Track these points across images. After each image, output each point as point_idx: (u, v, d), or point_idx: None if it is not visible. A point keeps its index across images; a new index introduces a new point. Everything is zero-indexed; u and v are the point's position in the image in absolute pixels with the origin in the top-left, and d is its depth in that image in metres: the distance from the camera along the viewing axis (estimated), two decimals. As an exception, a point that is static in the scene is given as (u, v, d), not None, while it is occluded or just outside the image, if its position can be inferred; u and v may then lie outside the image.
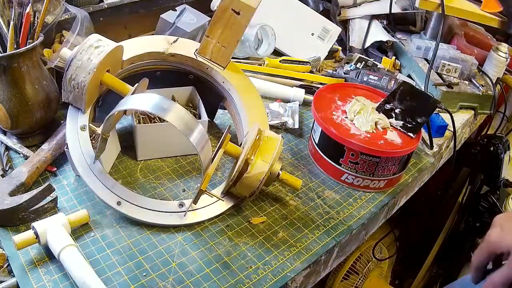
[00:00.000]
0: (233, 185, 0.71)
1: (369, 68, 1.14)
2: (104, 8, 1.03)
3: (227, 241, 0.70)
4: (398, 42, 1.27)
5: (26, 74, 0.76)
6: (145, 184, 0.79)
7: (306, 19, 1.22)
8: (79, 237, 0.68)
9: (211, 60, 0.84)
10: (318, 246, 0.72)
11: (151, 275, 0.63)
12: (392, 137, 0.83)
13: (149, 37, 0.85)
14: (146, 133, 0.81)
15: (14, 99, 0.76)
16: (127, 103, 0.66)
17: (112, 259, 0.65)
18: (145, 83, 0.76)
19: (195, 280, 0.64)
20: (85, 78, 0.70)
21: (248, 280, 0.65)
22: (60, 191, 0.75)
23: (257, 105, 0.84)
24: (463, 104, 1.13)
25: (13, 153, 0.81)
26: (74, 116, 0.73)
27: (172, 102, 0.63)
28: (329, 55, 1.24)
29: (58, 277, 0.62)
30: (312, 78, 1.11)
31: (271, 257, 0.69)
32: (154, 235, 0.70)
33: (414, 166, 0.93)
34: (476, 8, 1.21)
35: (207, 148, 0.66)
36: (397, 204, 0.91)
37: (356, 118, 0.86)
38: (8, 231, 0.67)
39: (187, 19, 1.06)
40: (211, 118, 0.95)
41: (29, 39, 0.77)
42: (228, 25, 0.79)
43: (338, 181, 0.85)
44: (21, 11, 0.76)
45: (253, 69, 1.10)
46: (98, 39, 0.72)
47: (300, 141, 0.95)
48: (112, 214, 0.72)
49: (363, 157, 0.80)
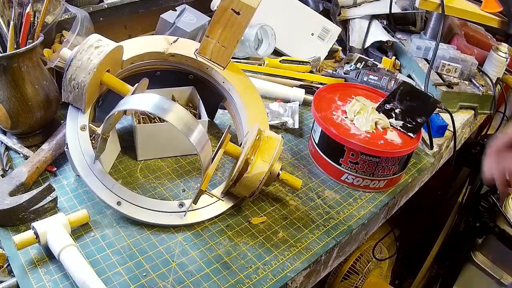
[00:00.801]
0: (233, 185, 0.71)
1: (369, 68, 1.14)
2: (104, 8, 1.03)
3: (227, 241, 0.70)
4: (398, 42, 1.27)
5: (26, 74, 0.76)
6: (145, 184, 0.79)
7: (306, 19, 1.22)
8: (79, 237, 0.68)
9: (211, 60, 0.84)
10: (318, 246, 0.72)
11: (151, 275, 0.63)
12: (392, 137, 0.83)
13: (149, 37, 0.85)
14: (146, 133, 0.81)
15: (14, 99, 0.76)
16: (127, 103, 0.66)
17: (112, 259, 0.65)
18: (145, 83, 0.76)
19: (195, 280, 0.64)
20: (85, 78, 0.70)
21: (248, 280, 0.65)
22: (60, 191, 0.75)
23: (257, 105, 0.84)
24: (463, 104, 1.13)
25: (13, 153, 0.81)
26: (74, 116, 0.73)
27: (172, 102, 0.63)
28: (329, 55, 1.24)
29: (58, 277, 0.62)
30: (312, 78, 1.11)
31: (271, 257, 0.69)
32: (154, 235, 0.70)
33: (414, 166, 0.93)
34: (476, 8, 1.21)
35: (207, 148, 0.66)
36: (397, 204, 0.91)
37: (356, 118, 0.86)
38: (8, 231, 0.67)
39: (187, 19, 1.06)
40: (211, 118, 0.95)
41: (29, 39, 0.77)
42: (228, 25, 0.79)
43: (338, 181, 0.85)
44: (21, 11, 0.76)
45: (253, 69, 1.10)
46: (98, 39, 0.72)
47: (300, 141, 0.95)
48: (112, 214, 0.72)
49: (363, 157, 0.80)
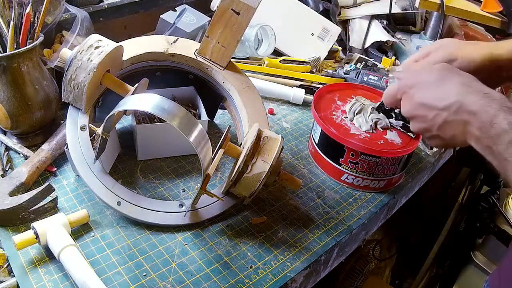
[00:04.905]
0: (233, 185, 0.71)
1: (369, 68, 1.14)
2: (104, 8, 1.03)
3: (227, 241, 0.70)
4: (398, 42, 1.27)
5: (26, 74, 0.76)
6: (145, 184, 0.79)
7: (306, 19, 1.22)
8: (79, 237, 0.68)
9: (211, 60, 0.84)
10: (318, 246, 0.72)
11: (151, 275, 0.63)
12: (392, 137, 0.83)
13: (149, 37, 0.85)
14: (146, 133, 0.81)
15: (14, 99, 0.76)
16: (127, 103, 0.66)
17: (112, 259, 0.65)
18: (145, 83, 0.76)
19: (195, 280, 0.64)
20: (85, 78, 0.70)
21: (248, 280, 0.65)
22: (60, 191, 0.75)
23: (257, 105, 0.83)
24: (463, 104, 1.13)
25: (13, 153, 0.81)
26: (74, 116, 0.73)
27: (172, 102, 0.63)
28: (329, 55, 1.24)
29: (58, 277, 0.62)
30: (312, 78, 1.11)
31: (271, 257, 0.69)
32: (154, 235, 0.70)
33: (414, 166, 0.93)
34: (476, 8, 1.21)
35: (207, 148, 0.66)
36: (397, 204, 0.91)
37: (356, 118, 0.86)
38: (8, 231, 0.67)
39: (187, 20, 1.06)
40: (211, 118, 0.95)
41: (29, 39, 0.77)
42: (228, 25, 0.79)
43: (338, 181, 0.85)
44: (21, 11, 0.76)
45: (253, 69, 1.10)
46: (98, 39, 0.72)
47: (300, 141, 0.95)
48: (112, 214, 0.72)
49: (363, 157, 0.80)
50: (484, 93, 0.59)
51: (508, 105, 0.57)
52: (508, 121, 0.55)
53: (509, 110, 0.56)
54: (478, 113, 0.58)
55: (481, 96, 0.59)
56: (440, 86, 0.64)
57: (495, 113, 0.56)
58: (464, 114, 0.60)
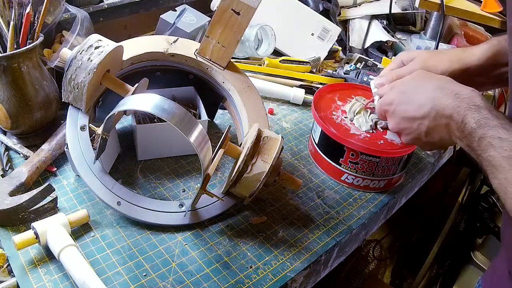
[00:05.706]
0: (233, 185, 0.71)
1: (369, 68, 1.14)
2: (104, 8, 1.03)
3: (227, 241, 0.70)
4: (398, 42, 1.27)
5: (26, 74, 0.76)
6: (145, 184, 0.79)
7: (306, 19, 1.22)
8: (79, 237, 0.68)
9: (211, 60, 0.84)
10: (318, 246, 0.72)
11: (151, 275, 0.63)
12: (392, 137, 0.83)
13: (149, 37, 0.85)
14: (146, 133, 0.81)
15: (14, 99, 0.76)
16: (127, 103, 0.66)
17: (112, 259, 0.65)
18: (145, 83, 0.76)
19: (195, 280, 0.64)
20: (85, 78, 0.70)
21: (248, 280, 0.65)
22: (60, 191, 0.75)
23: (257, 105, 0.83)
24: (463, 104, 1.13)
25: (13, 153, 0.81)
26: (74, 116, 0.73)
27: (172, 102, 0.63)
28: (329, 55, 1.24)
29: (58, 277, 0.62)
30: (312, 78, 1.11)
31: (271, 257, 0.69)
32: (154, 235, 0.70)
33: (414, 166, 0.93)
34: (476, 8, 1.21)
35: (207, 148, 0.66)
36: (397, 204, 0.91)
37: (356, 118, 0.86)
38: (8, 231, 0.67)
39: (187, 20, 1.06)
40: (211, 118, 0.95)
41: (29, 39, 0.77)
42: (228, 25, 0.79)
43: (338, 181, 0.85)
44: (21, 11, 0.76)
45: (253, 69, 1.10)
46: (98, 39, 0.72)
47: (300, 141, 0.95)
48: (112, 214, 0.72)
49: (363, 157, 0.80)
50: (455, 94, 0.60)
51: (475, 102, 0.58)
52: (475, 119, 0.56)
53: (475, 108, 0.57)
54: (452, 115, 0.59)
55: (453, 97, 0.60)
56: (416, 94, 0.66)
57: (464, 113, 0.58)
58: (442, 118, 0.61)
